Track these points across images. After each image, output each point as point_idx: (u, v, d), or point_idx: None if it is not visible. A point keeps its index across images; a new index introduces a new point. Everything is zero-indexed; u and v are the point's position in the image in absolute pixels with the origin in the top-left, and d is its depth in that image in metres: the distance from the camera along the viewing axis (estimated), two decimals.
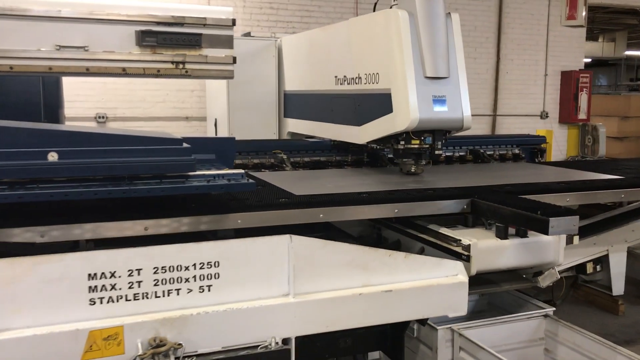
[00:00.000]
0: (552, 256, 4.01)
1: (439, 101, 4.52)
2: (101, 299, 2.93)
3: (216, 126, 8.03)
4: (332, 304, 3.33)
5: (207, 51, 3.93)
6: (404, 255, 3.46)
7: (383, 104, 4.59)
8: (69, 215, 3.10)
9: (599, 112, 14.74)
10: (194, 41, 3.87)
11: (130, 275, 2.97)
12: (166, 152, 3.20)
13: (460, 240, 3.81)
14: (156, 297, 3.02)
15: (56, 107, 6.37)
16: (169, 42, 3.82)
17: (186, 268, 3.05)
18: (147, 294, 3.00)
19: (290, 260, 3.22)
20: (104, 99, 9.58)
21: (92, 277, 2.91)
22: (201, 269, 3.08)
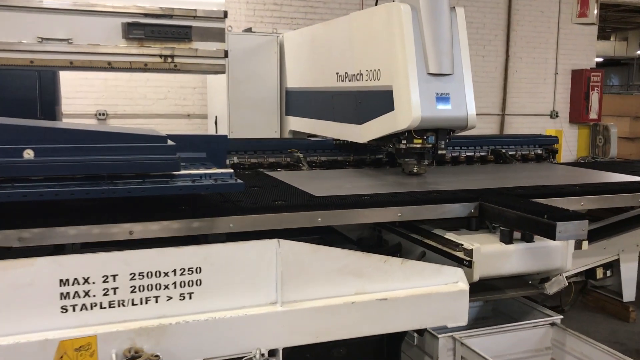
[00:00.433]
0: (559, 262, 3.85)
1: (443, 99, 4.39)
2: (73, 306, 2.75)
3: (216, 124, 7.88)
4: (322, 313, 3.14)
5: (197, 44, 3.77)
6: (400, 261, 3.27)
7: (384, 101, 4.46)
8: (51, 216, 2.95)
9: (610, 112, 14.59)
10: (183, 34, 3.72)
11: (105, 282, 2.78)
12: (149, 150, 3.04)
13: (462, 244, 3.64)
14: (133, 304, 2.83)
15: (53, 104, 6.28)
16: (157, 35, 3.68)
17: (165, 274, 2.87)
18: (123, 301, 2.82)
19: (278, 266, 3.03)
20: (105, 95, 9.49)
21: (64, 283, 2.73)
22: (182, 275, 2.89)
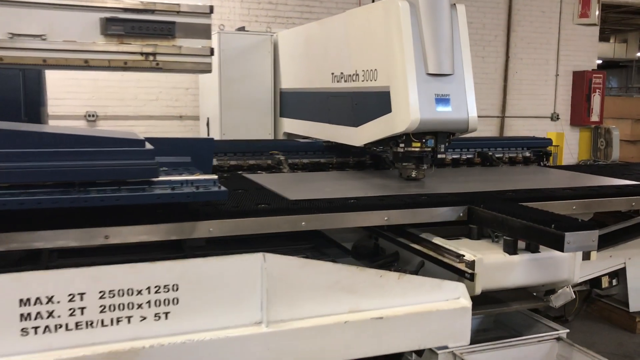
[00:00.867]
0: (566, 274, 3.67)
1: (442, 100, 4.22)
2: (35, 328, 2.50)
3: (208, 126, 7.66)
4: (312, 333, 2.89)
5: (181, 41, 3.59)
6: (397, 275, 3.03)
7: (381, 103, 4.29)
8: (22, 221, 2.76)
9: (611, 115, 14.51)
10: (166, 30, 3.54)
11: (71, 301, 2.53)
12: (124, 155, 2.83)
13: (463, 255, 3.42)
14: (102, 326, 2.58)
15: (38, 105, 6.04)
16: (137, 31, 3.50)
17: (139, 292, 2.62)
18: (91, 322, 2.57)
19: (263, 283, 2.79)
20: (95, 96, 9.30)
21: (24, 302, 2.47)
22: (157, 293, 2.64)
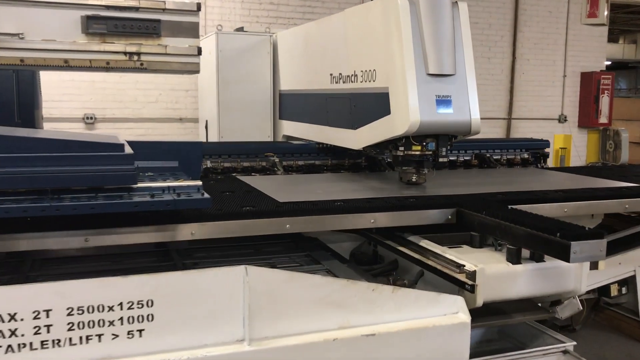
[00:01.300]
0: (572, 284, 3.51)
1: (444, 102, 4.09)
2: None
3: (207, 128, 7.50)
4: (299, 352, 2.71)
5: (167, 40, 3.42)
6: (391, 289, 2.85)
7: (380, 104, 4.17)
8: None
9: (620, 116, 14.38)
10: (151, 29, 3.38)
11: (36, 318, 2.36)
12: (101, 160, 2.66)
13: (464, 265, 3.26)
14: (71, 344, 2.41)
15: (31, 107, 5.92)
16: (121, 30, 3.34)
17: (110, 308, 2.44)
18: (58, 341, 2.40)
19: (245, 298, 2.61)
20: (93, 98, 9.20)
21: None
22: (130, 309, 2.47)
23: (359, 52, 4.48)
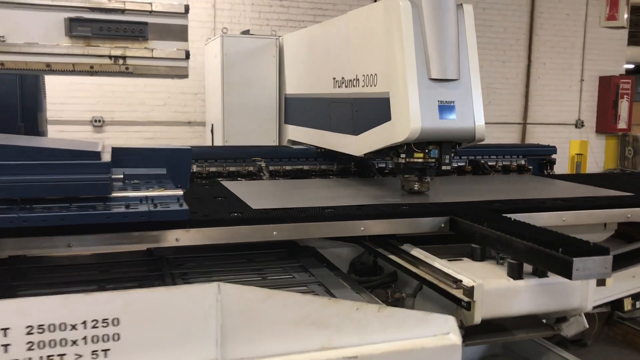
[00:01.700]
0: (577, 302, 3.34)
1: (447, 108, 3.94)
2: None
3: (212, 132, 7.42)
4: None
5: (153, 44, 3.32)
6: (377, 308, 2.69)
7: (381, 110, 4.04)
8: None
9: (639, 122, 13.95)
10: (137, 31, 3.29)
11: None
12: (73, 169, 2.54)
13: (461, 281, 3.09)
14: None
15: (35, 110, 5.89)
16: (106, 33, 3.25)
17: (73, 327, 2.31)
18: None
19: (218, 317, 2.47)
20: (101, 101, 9.18)
21: None
22: (94, 328, 2.33)
23: (360, 56, 4.35)
